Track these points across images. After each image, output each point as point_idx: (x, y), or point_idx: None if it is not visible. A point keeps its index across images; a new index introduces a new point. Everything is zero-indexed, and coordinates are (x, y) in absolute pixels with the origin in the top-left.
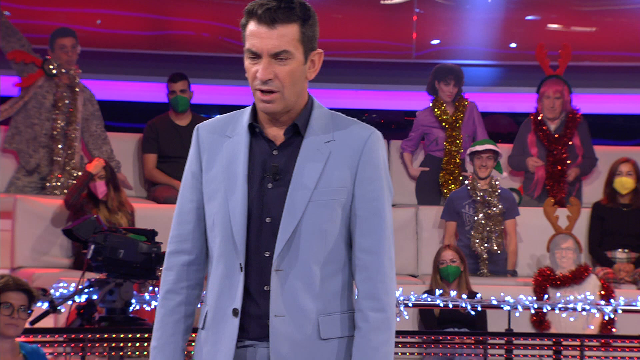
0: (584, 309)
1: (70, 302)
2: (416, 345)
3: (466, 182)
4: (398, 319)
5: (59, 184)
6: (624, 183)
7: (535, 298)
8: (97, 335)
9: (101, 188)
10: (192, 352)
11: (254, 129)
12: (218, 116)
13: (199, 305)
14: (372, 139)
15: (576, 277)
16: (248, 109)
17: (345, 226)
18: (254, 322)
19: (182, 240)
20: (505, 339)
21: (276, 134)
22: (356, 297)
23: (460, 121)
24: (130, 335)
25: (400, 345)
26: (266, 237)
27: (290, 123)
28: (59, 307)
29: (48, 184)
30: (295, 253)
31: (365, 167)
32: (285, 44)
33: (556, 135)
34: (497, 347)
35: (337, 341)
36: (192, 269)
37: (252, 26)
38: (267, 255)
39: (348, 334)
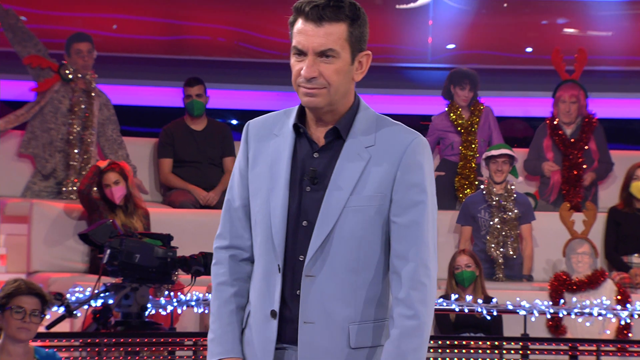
0: (600, 314)
1: (86, 307)
2: (432, 350)
3: (482, 186)
4: None
5: (74, 188)
6: None
7: (551, 303)
8: (113, 340)
9: (118, 193)
10: None
11: (299, 129)
12: (269, 113)
13: None
14: (414, 144)
15: (592, 282)
16: (296, 108)
17: (385, 233)
18: (287, 326)
19: (232, 236)
20: (521, 343)
21: (320, 135)
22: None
23: (475, 126)
24: (146, 340)
25: None
26: (301, 241)
27: (333, 126)
28: (74, 312)
29: (64, 189)
30: (327, 259)
31: (405, 173)
32: (331, 42)
33: (572, 140)
34: (512, 352)
35: (368, 350)
36: (242, 263)
37: (299, 24)
38: (301, 259)
39: (381, 343)
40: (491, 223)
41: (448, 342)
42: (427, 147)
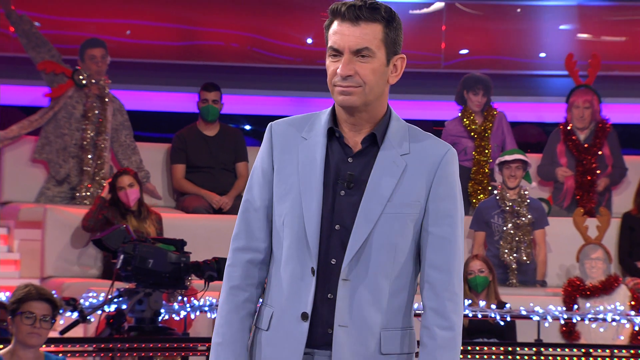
0: (613, 320)
1: (99, 312)
2: None
3: (495, 192)
4: None
5: (88, 193)
6: None
7: (564, 308)
8: (127, 345)
9: (132, 196)
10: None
11: (333, 133)
12: (293, 116)
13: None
14: (448, 155)
15: (606, 288)
16: (327, 111)
17: (415, 241)
18: (316, 330)
19: (250, 238)
20: (534, 349)
21: (355, 140)
22: (422, 313)
23: (489, 131)
24: (159, 345)
25: None
26: (334, 245)
27: (369, 132)
28: (88, 317)
29: (78, 194)
30: (363, 264)
31: (440, 184)
32: (367, 41)
33: (585, 145)
34: (526, 357)
35: (395, 357)
36: (257, 267)
37: (335, 25)
38: (333, 263)
39: (406, 351)
40: (504, 228)
41: (461, 348)
42: (457, 158)
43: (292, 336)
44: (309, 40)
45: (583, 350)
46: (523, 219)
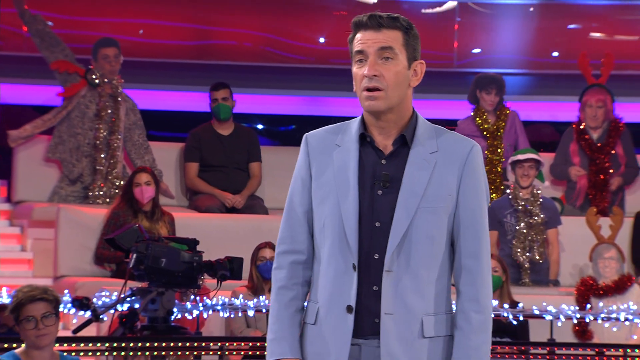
0: (627, 319)
1: (112, 311)
2: None
3: (508, 191)
4: None
5: (101, 193)
6: None
7: (577, 308)
8: (139, 344)
9: (147, 193)
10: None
11: (365, 139)
12: (326, 126)
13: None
14: (474, 151)
15: (619, 287)
16: (357, 120)
17: (449, 232)
18: (362, 321)
19: (293, 241)
20: (547, 349)
21: (385, 143)
22: (458, 298)
23: (501, 130)
24: (172, 344)
25: None
26: (376, 240)
27: (398, 134)
28: (101, 316)
29: (91, 193)
30: (404, 256)
31: (468, 178)
32: (390, 42)
33: (599, 144)
34: (539, 357)
35: (437, 340)
36: (301, 267)
37: (359, 35)
38: (376, 258)
39: (446, 334)
40: (517, 227)
41: None
42: (481, 152)
43: (339, 328)
44: (322, 40)
45: (596, 349)
46: (536, 218)
